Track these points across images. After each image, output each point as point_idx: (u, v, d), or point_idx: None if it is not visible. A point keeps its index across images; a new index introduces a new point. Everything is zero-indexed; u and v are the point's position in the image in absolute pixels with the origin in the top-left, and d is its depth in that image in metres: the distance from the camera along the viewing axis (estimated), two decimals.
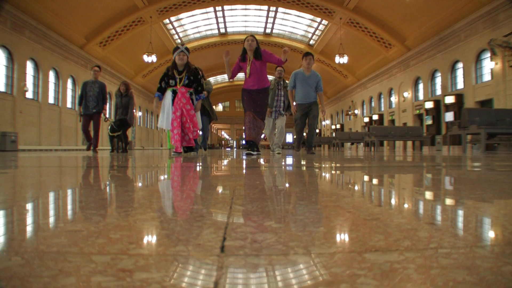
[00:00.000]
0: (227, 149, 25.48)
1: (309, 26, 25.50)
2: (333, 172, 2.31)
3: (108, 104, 8.96)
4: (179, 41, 25.52)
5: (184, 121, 5.55)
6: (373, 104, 27.64)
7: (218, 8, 23.39)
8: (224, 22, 25.60)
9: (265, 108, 5.85)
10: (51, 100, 18.49)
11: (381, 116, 25.94)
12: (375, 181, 1.72)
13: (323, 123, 41.78)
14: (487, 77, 16.00)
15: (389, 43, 21.88)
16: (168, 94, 5.59)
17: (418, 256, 0.49)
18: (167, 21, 23.04)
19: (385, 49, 22.53)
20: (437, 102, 19.23)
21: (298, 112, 7.07)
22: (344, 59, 21.83)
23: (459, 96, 17.52)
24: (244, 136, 6.59)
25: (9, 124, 15.15)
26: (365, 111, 29.17)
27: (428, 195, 1.21)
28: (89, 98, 7.84)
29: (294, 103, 7.04)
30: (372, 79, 26.71)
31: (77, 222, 0.74)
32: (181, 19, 23.67)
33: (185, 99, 5.51)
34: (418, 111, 21.53)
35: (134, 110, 8.95)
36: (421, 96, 21.44)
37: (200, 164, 3.27)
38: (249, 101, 5.78)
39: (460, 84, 17.97)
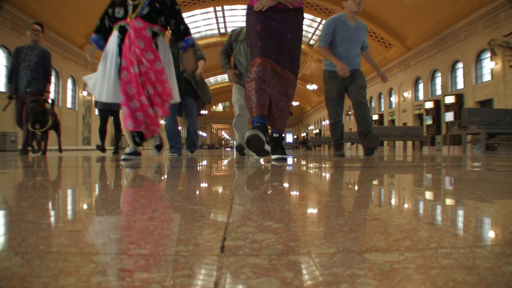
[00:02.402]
0: (227, 149, 25.59)
1: (309, 26, 25.52)
2: (332, 172, 2.31)
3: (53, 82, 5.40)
4: None
5: (144, 82, 3.00)
6: (373, 104, 27.65)
7: (218, 8, 23.42)
8: (224, 22, 25.62)
9: (299, 50, 3.10)
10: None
11: (381, 116, 25.95)
12: (375, 181, 1.72)
13: (323, 123, 41.73)
14: (487, 77, 16.02)
15: (389, 43, 21.90)
16: (113, 37, 3.13)
17: (418, 256, 0.49)
18: None
19: (385, 49, 22.55)
20: (437, 102, 19.24)
21: (331, 85, 4.49)
22: None
23: (459, 96, 17.53)
24: (250, 111, 2.91)
25: (9, 124, 15.14)
26: None
27: (428, 195, 1.21)
28: (22, 72, 5.14)
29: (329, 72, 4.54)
30: (372, 79, 26.73)
31: (77, 222, 0.74)
32: None
33: (143, 41, 2.99)
34: (418, 111, 21.55)
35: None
36: (421, 96, 21.46)
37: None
38: (264, 33, 2.89)
39: (460, 84, 17.98)
